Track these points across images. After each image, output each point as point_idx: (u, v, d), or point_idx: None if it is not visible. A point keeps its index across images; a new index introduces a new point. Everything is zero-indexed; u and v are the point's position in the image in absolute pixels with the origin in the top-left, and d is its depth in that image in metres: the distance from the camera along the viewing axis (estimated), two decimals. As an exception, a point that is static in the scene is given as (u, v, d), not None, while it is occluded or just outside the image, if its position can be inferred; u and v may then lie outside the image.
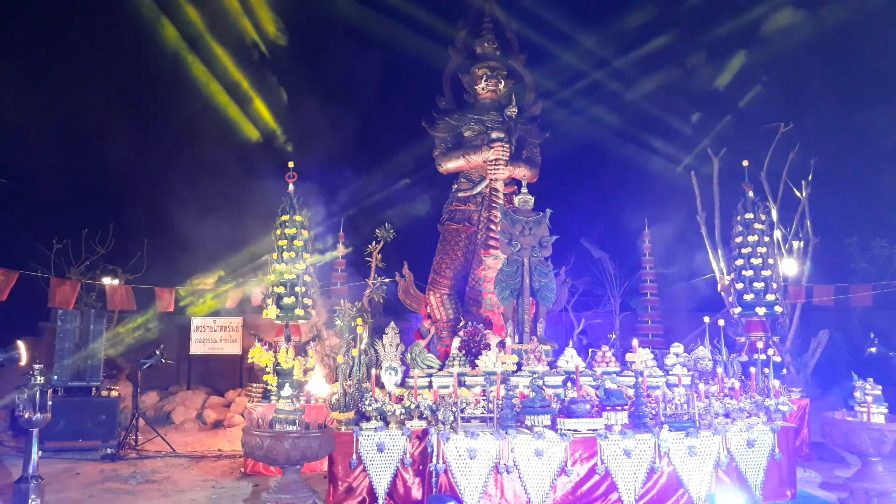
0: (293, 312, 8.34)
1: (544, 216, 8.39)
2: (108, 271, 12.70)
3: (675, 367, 7.78)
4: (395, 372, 7.20)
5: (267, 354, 8.35)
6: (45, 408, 5.96)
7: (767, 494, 6.44)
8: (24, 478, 5.86)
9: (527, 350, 7.72)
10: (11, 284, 9.98)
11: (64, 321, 9.79)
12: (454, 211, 10.78)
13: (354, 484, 6.24)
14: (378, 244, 10.46)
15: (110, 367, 12.16)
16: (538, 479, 5.90)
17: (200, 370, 13.81)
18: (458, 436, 5.94)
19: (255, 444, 5.76)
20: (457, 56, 11.51)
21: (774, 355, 8.47)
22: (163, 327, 13.74)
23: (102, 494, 7.05)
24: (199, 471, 8.22)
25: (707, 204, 12.27)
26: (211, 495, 7.03)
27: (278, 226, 8.59)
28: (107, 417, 9.45)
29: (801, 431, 8.60)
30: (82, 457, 8.88)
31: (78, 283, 11.11)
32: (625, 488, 6.00)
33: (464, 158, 10.74)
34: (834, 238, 13.68)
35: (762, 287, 8.95)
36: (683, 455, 6.15)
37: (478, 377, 7.32)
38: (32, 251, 12.38)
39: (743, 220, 9.29)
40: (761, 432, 6.51)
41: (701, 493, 6.13)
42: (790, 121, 12.20)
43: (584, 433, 6.06)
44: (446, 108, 11.28)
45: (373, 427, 6.28)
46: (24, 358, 6.12)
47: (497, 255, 9.09)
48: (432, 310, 10.32)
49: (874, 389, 6.57)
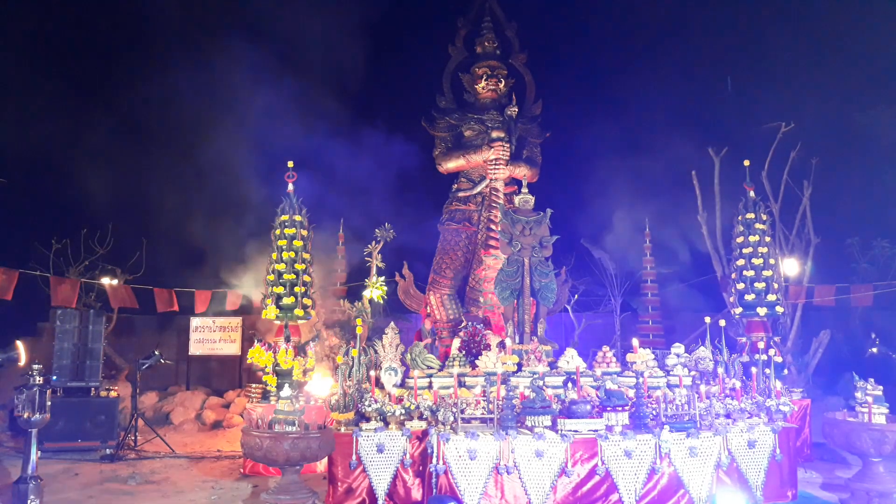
0: (293, 312, 8.32)
1: (544, 216, 8.37)
2: (107, 271, 12.68)
3: (675, 367, 7.76)
4: (394, 372, 7.18)
5: (266, 355, 8.33)
6: (44, 408, 5.93)
7: (768, 495, 6.42)
8: (22, 478, 5.84)
9: (527, 350, 7.70)
10: (13, 284, 9.98)
11: (63, 321, 9.77)
12: (454, 211, 10.76)
13: (354, 485, 6.22)
14: (378, 244, 10.44)
15: (109, 368, 12.15)
16: (538, 479, 5.88)
17: (199, 371, 13.80)
18: (459, 436, 5.92)
19: (254, 445, 5.74)
20: (457, 55, 11.50)
21: (775, 356, 8.45)
22: (162, 327, 13.74)
23: (101, 495, 7.03)
24: (199, 471, 8.20)
25: (708, 204, 12.25)
26: (210, 496, 7.01)
27: (278, 226, 8.57)
28: (106, 418, 9.43)
29: (802, 432, 8.59)
30: (81, 457, 8.87)
31: (78, 282, 11.11)
32: (625, 489, 5.98)
33: (464, 158, 10.73)
34: (835, 238, 13.65)
35: (763, 287, 8.93)
36: (684, 456, 6.14)
37: (478, 378, 7.30)
38: (32, 251, 12.37)
39: (744, 220, 9.28)
40: (762, 433, 6.49)
41: (702, 494, 6.11)
42: (790, 121, 12.19)
43: (585, 434, 6.04)
44: (446, 107, 11.26)
45: (372, 428, 6.27)
46: (24, 358, 6.10)
47: (497, 255, 9.08)
48: (432, 310, 10.30)
49: (875, 390, 6.56)
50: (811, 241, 12.12)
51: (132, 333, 13.79)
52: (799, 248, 12.15)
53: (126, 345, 13.28)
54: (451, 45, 11.55)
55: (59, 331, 9.70)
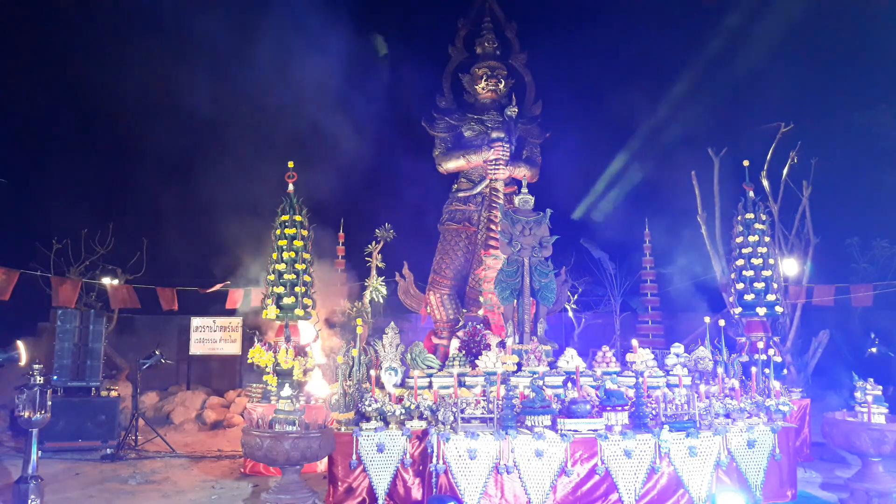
0: (293, 312, 8.33)
1: (544, 216, 8.38)
2: (107, 271, 12.69)
3: (675, 367, 7.77)
4: (395, 372, 7.19)
5: (267, 355, 8.34)
6: (45, 408, 5.95)
7: (768, 495, 6.44)
8: (23, 478, 5.86)
9: (527, 350, 7.71)
10: (13, 284, 9.99)
11: (64, 321, 9.78)
12: (454, 211, 10.76)
13: (354, 484, 6.23)
14: (378, 244, 10.45)
15: (110, 368, 12.16)
16: (538, 479, 5.89)
17: (200, 370, 13.81)
18: (459, 436, 5.93)
19: (254, 445, 5.75)
20: (457, 55, 11.50)
21: (775, 355, 8.45)
22: (163, 327, 13.74)
23: (102, 495, 7.04)
24: (199, 471, 8.21)
25: (707, 204, 12.26)
26: (211, 496, 7.02)
27: (278, 226, 8.58)
28: (106, 418, 9.46)
29: (801, 432, 8.60)
30: (82, 457, 8.88)
31: (78, 282, 11.12)
32: (625, 489, 5.99)
33: (464, 158, 10.73)
34: (834, 238, 13.65)
35: (763, 287, 8.93)
36: (684, 455, 6.15)
37: (478, 377, 7.31)
38: (32, 251, 12.37)
39: (743, 220, 9.28)
40: (762, 433, 6.50)
41: (701, 494, 6.12)
42: (790, 121, 12.19)
43: (585, 433, 6.05)
44: (446, 107, 11.26)
45: (373, 427, 6.28)
46: (24, 358, 6.12)
47: (497, 255, 9.08)
48: (432, 310, 10.31)
49: (874, 390, 6.57)
50: (810, 241, 12.13)
51: (133, 333, 13.80)
52: (798, 248, 12.16)
53: (127, 344, 13.28)
54: (451, 45, 11.55)
55: (59, 331, 9.71)
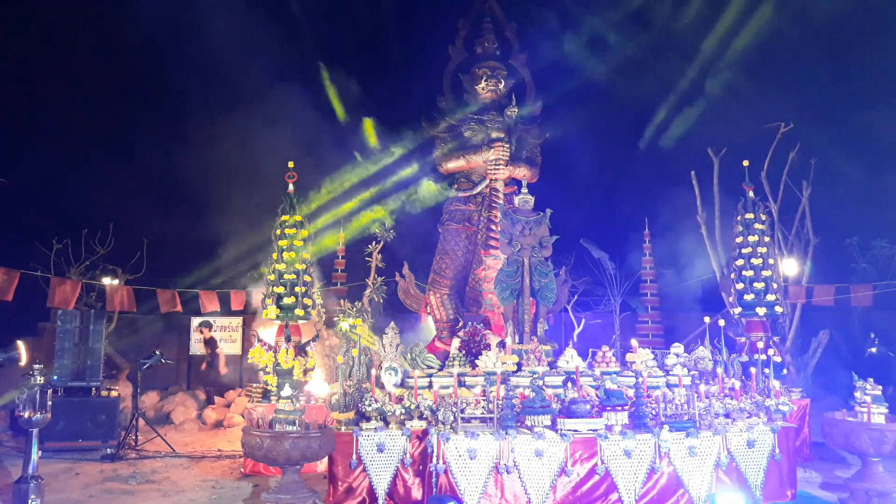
0: (293, 312, 8.34)
1: (544, 216, 8.38)
2: (108, 271, 12.69)
3: (675, 367, 7.77)
4: (395, 372, 7.19)
5: (267, 355, 8.35)
6: (45, 408, 5.95)
7: (768, 495, 6.44)
8: (23, 478, 5.86)
9: (527, 350, 7.71)
10: (14, 284, 9.97)
11: (64, 321, 9.78)
12: (454, 211, 10.76)
13: (354, 484, 6.24)
14: (378, 244, 10.46)
15: (110, 368, 12.16)
16: (538, 479, 5.90)
17: (200, 370, 13.80)
18: (459, 436, 5.94)
19: (255, 445, 5.75)
20: (457, 55, 11.50)
21: (775, 355, 8.47)
22: (163, 327, 13.74)
23: (102, 495, 7.05)
24: (199, 471, 8.22)
25: (707, 204, 12.27)
26: (211, 495, 7.02)
27: (278, 226, 8.59)
28: (107, 417, 9.45)
29: (801, 432, 8.59)
30: (82, 457, 8.88)
31: (78, 283, 11.10)
32: (625, 488, 5.99)
33: (464, 158, 10.73)
34: (834, 238, 13.66)
35: (762, 287, 8.94)
36: (684, 455, 6.15)
37: (478, 377, 7.32)
38: (32, 251, 12.38)
39: (743, 220, 9.29)
40: (761, 432, 6.50)
41: (701, 494, 6.12)
42: (790, 121, 12.20)
43: (585, 433, 6.05)
44: (446, 107, 11.27)
45: (373, 427, 6.28)
46: (24, 358, 6.12)
47: (497, 255, 9.09)
48: (432, 310, 10.31)
49: (874, 389, 6.57)
50: (810, 241, 12.14)
51: (133, 333, 13.79)
52: (798, 248, 12.16)
53: (127, 344, 13.29)
54: (451, 45, 11.55)
55: (59, 331, 9.71)
